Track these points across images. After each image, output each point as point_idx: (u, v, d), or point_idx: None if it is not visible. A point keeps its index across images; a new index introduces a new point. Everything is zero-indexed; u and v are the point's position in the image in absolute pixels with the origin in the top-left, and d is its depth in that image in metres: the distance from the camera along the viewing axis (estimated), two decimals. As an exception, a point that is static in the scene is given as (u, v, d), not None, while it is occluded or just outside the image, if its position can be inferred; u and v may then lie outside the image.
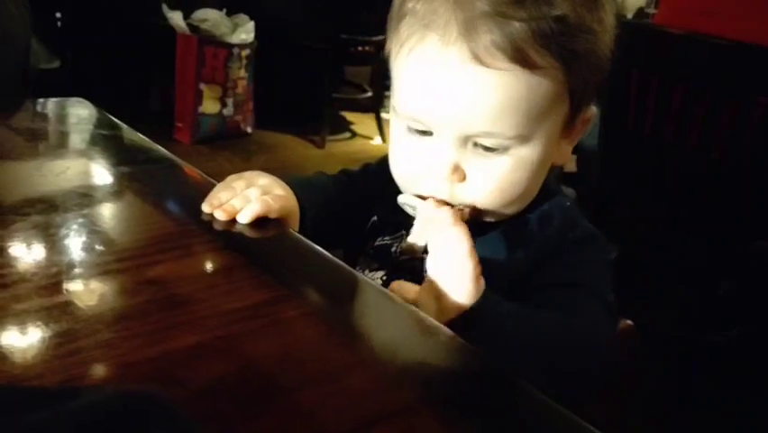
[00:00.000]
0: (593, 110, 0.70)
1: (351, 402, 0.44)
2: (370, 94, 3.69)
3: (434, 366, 0.51)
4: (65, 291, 0.52)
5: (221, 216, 0.64)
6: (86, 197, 0.70)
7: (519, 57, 0.58)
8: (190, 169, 0.80)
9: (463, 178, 0.64)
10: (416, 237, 0.65)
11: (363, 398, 0.45)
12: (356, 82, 3.85)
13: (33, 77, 1.34)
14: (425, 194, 0.65)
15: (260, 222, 0.65)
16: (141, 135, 0.87)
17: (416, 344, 0.53)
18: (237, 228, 0.64)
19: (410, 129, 0.65)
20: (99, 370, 0.44)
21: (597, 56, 0.64)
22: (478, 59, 0.58)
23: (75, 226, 0.62)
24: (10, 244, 0.58)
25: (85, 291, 0.53)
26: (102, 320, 0.49)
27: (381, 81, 3.53)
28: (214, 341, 0.49)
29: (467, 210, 0.64)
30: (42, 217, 0.63)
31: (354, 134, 3.82)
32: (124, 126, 0.89)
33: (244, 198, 0.66)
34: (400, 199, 0.67)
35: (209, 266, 0.60)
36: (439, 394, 0.47)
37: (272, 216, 0.66)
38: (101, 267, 0.56)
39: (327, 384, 0.46)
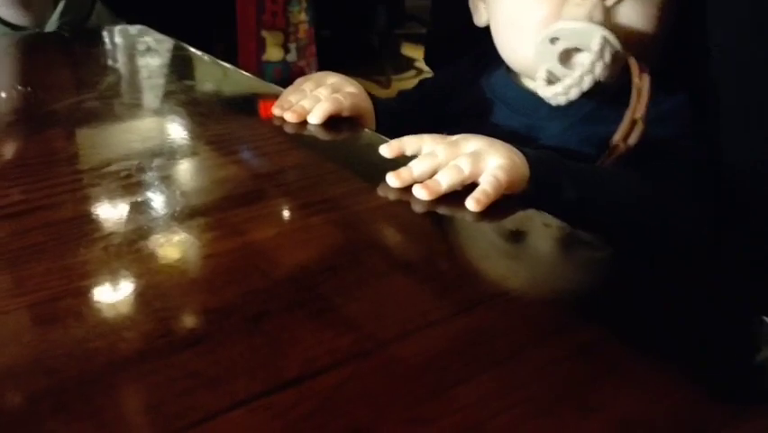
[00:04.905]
0: None
1: (447, 286, 0.41)
2: (433, 27, 3.58)
3: (536, 249, 0.48)
4: (142, 192, 0.51)
5: (291, 117, 0.62)
6: (161, 114, 0.68)
7: None
8: (264, 84, 0.78)
9: None
10: (588, 71, 0.58)
11: (461, 281, 0.42)
12: (418, 15, 3.73)
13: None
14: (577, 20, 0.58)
15: (332, 122, 0.62)
16: (209, 56, 0.85)
17: (513, 227, 0.49)
18: (309, 129, 0.62)
19: None
20: (181, 259, 0.43)
21: None
22: None
23: (152, 145, 0.61)
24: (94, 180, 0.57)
25: (160, 188, 0.51)
26: (179, 216, 0.48)
27: (444, 12, 3.42)
28: (294, 232, 0.47)
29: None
30: (121, 150, 0.62)
31: (420, 71, 3.71)
32: (191, 49, 0.87)
33: (314, 98, 0.63)
34: (551, 30, 0.59)
35: (283, 164, 0.58)
36: (542, 277, 0.44)
37: (344, 114, 0.63)
38: (174, 165, 0.55)
39: (420, 269, 0.43)
